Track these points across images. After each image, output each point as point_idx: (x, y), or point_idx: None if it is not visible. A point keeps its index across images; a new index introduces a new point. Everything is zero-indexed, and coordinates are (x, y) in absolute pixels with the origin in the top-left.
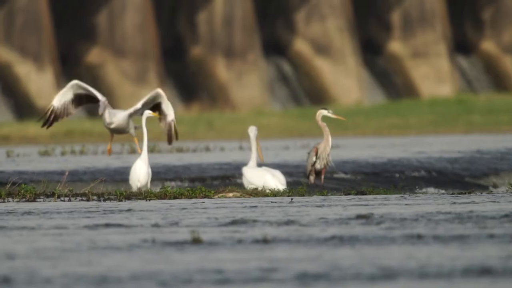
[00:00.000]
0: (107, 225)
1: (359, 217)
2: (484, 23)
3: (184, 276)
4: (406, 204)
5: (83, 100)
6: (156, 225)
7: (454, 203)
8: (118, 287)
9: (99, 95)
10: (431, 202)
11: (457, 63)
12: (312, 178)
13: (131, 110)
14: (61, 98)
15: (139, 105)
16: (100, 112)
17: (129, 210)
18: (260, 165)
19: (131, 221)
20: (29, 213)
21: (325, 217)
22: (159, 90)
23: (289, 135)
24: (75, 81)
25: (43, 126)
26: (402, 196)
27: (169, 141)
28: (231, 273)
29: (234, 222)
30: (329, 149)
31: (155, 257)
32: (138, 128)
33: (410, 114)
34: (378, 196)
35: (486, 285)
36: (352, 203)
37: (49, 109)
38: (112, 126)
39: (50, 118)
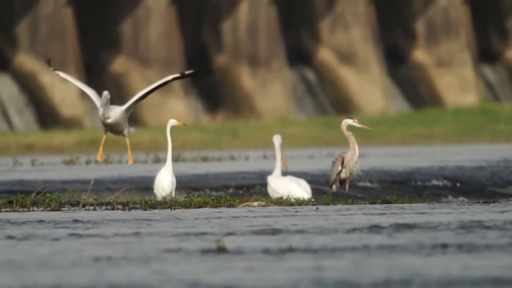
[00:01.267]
0: (136, 234)
1: (383, 225)
2: (508, 31)
3: (207, 285)
4: (430, 213)
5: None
6: (181, 234)
7: (479, 212)
8: None
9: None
10: (455, 210)
11: (481, 72)
12: (335, 187)
13: (127, 104)
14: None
15: (134, 98)
16: (101, 105)
17: (153, 219)
18: (284, 174)
19: (155, 230)
20: (76, 221)
21: (350, 226)
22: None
23: (313, 144)
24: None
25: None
26: (427, 205)
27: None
28: (256, 281)
29: (259, 231)
30: (356, 158)
31: (183, 266)
32: (134, 130)
33: (435, 123)
34: (403, 205)
35: None
36: (378, 212)
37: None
38: (109, 120)
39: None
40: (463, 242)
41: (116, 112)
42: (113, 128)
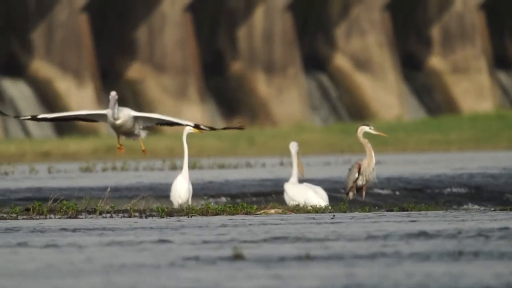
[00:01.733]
0: (155, 242)
1: (400, 233)
2: None
3: None
4: (445, 220)
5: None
6: (198, 242)
7: (495, 219)
8: None
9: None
10: (471, 218)
11: (497, 78)
12: (351, 194)
13: (139, 113)
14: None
15: (149, 115)
16: (110, 107)
17: (169, 226)
18: (301, 181)
19: (173, 238)
20: (104, 229)
21: (367, 233)
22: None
23: (330, 151)
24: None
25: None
26: (443, 212)
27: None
28: None
29: (276, 239)
30: (373, 165)
31: (198, 274)
32: (144, 135)
33: (451, 130)
34: (420, 213)
35: None
36: (394, 219)
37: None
38: (118, 122)
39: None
40: (480, 249)
41: (125, 114)
42: (123, 131)
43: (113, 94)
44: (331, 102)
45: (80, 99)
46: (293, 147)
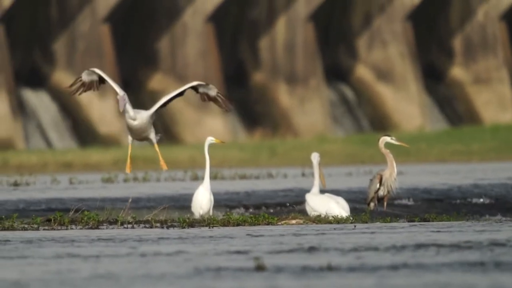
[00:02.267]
0: (176, 252)
1: (421, 244)
2: None
3: None
4: (468, 231)
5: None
6: (219, 253)
7: None
8: None
9: (118, 89)
10: (492, 228)
11: None
12: (372, 204)
13: (153, 108)
14: (88, 76)
15: (161, 101)
16: (120, 108)
17: (191, 237)
18: (322, 191)
19: (195, 248)
20: (128, 239)
21: (389, 244)
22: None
23: (351, 161)
24: (96, 70)
25: (70, 89)
26: (465, 223)
27: (228, 107)
28: None
29: (297, 249)
30: (395, 176)
31: (220, 284)
32: (161, 137)
33: (473, 141)
34: (441, 223)
35: None
36: (415, 229)
37: (78, 79)
38: (135, 123)
39: (77, 86)
40: (504, 260)
41: (142, 116)
42: (139, 132)
43: (121, 94)
44: (352, 113)
45: (102, 109)
46: (315, 158)
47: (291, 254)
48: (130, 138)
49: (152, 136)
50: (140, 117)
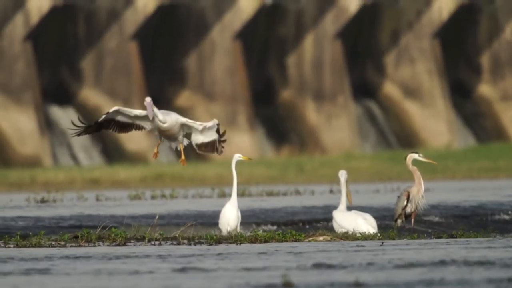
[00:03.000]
0: (205, 269)
1: (448, 261)
2: None
3: None
4: (495, 248)
5: (126, 126)
6: (247, 269)
7: None
8: None
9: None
10: None
11: None
12: (399, 221)
13: (187, 121)
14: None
15: (199, 126)
16: (150, 116)
17: (219, 254)
18: (350, 208)
19: (223, 265)
20: (155, 256)
21: (416, 260)
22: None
23: (379, 178)
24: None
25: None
26: (492, 239)
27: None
28: None
29: (324, 266)
30: (422, 192)
31: None
32: (187, 142)
33: (500, 157)
34: (468, 240)
35: None
36: (443, 246)
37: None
38: (165, 125)
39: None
40: None
41: (172, 118)
42: (168, 134)
43: (148, 100)
44: (380, 130)
45: None
46: (342, 175)
47: (319, 271)
48: (158, 135)
49: (180, 138)
50: (170, 119)
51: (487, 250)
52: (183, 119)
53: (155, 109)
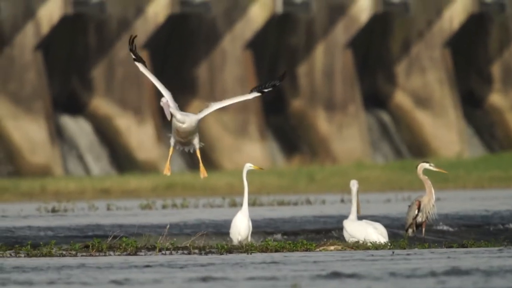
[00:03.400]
0: (216, 278)
1: (459, 270)
2: None
3: None
4: (506, 257)
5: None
6: (257, 279)
7: None
8: None
9: (163, 90)
10: None
11: None
12: (411, 231)
13: (203, 113)
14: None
15: (211, 110)
16: (168, 116)
17: (232, 264)
18: (360, 218)
19: (233, 274)
20: (163, 265)
21: (427, 270)
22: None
23: (390, 188)
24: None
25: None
26: (503, 249)
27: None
28: None
29: (335, 275)
30: (433, 202)
31: None
32: (202, 144)
33: (511, 167)
34: (479, 249)
35: None
36: (454, 255)
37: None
38: (184, 126)
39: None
40: None
41: (191, 119)
42: (185, 135)
43: (164, 100)
44: (391, 139)
45: (140, 136)
46: (354, 185)
47: (330, 280)
48: (173, 141)
49: (196, 141)
50: (189, 120)
51: (498, 259)
52: (199, 116)
53: (173, 109)
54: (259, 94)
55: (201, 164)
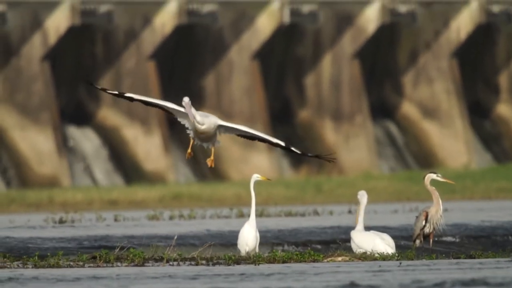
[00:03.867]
0: None
1: (467, 281)
2: None
3: None
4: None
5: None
6: None
7: None
8: None
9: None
10: None
11: None
12: (418, 241)
13: (226, 123)
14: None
15: (237, 127)
16: (191, 118)
17: (241, 274)
18: (368, 228)
19: (241, 285)
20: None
21: (434, 281)
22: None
23: (397, 198)
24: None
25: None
26: (510, 260)
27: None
28: None
29: (343, 286)
30: (441, 213)
31: None
32: (219, 144)
33: None
34: (487, 260)
35: None
36: (462, 267)
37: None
38: (203, 127)
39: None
40: None
41: (210, 121)
42: (203, 137)
43: (186, 100)
44: (398, 150)
45: (147, 146)
46: (363, 196)
47: None
48: (192, 134)
49: (214, 140)
50: (208, 121)
51: (507, 270)
52: (221, 122)
53: (194, 110)
54: (285, 147)
55: (212, 156)
